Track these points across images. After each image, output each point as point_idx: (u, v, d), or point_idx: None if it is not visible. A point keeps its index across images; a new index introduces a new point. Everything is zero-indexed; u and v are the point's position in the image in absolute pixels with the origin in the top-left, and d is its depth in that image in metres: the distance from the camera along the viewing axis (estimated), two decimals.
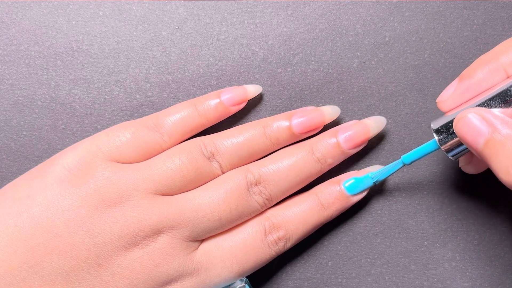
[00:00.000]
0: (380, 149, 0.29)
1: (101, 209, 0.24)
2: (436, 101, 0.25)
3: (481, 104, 0.23)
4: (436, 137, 0.24)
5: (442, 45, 0.29)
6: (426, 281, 0.29)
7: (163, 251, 0.25)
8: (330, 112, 0.28)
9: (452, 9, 0.29)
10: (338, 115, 0.28)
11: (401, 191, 0.29)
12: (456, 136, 0.23)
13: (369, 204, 0.29)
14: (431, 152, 0.25)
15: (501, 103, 0.22)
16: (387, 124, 0.29)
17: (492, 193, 0.29)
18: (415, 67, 0.29)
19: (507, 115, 0.22)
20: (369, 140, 0.29)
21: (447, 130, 0.24)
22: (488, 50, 0.29)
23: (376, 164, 0.29)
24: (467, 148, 0.24)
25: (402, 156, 0.26)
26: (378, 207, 0.29)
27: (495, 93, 0.23)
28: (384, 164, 0.29)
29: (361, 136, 0.27)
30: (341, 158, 0.28)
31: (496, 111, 0.22)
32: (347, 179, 0.28)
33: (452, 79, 0.29)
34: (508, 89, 0.22)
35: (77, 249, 0.23)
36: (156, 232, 0.24)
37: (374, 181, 0.27)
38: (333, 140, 0.27)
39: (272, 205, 0.27)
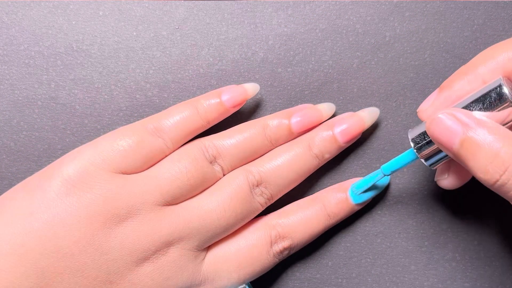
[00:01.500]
0: (380, 149, 0.29)
1: (110, 225, 0.23)
2: (417, 110, 0.25)
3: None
4: (413, 146, 0.24)
5: (442, 45, 0.29)
6: (426, 281, 0.29)
7: (173, 264, 0.24)
8: (327, 109, 0.28)
9: (452, 9, 0.29)
10: (333, 112, 0.28)
11: (401, 191, 0.29)
12: (433, 144, 0.23)
13: (369, 204, 0.29)
14: (411, 161, 0.25)
15: (478, 107, 0.22)
16: (387, 124, 0.29)
17: (492, 193, 0.29)
18: (415, 67, 0.29)
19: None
20: (369, 140, 0.29)
21: (423, 137, 0.23)
22: None
23: (376, 165, 0.29)
24: (445, 157, 0.23)
25: (382, 167, 0.26)
26: (378, 207, 0.29)
27: (471, 99, 0.22)
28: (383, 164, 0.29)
29: (356, 129, 0.27)
30: (337, 152, 0.28)
31: (469, 111, 0.22)
32: (353, 185, 0.28)
33: None
34: (485, 93, 0.22)
35: (87, 267, 0.23)
36: (166, 245, 0.24)
37: (379, 190, 0.28)
38: (329, 134, 0.27)
39: (272, 203, 0.27)
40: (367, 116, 0.28)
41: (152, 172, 0.25)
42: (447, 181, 0.26)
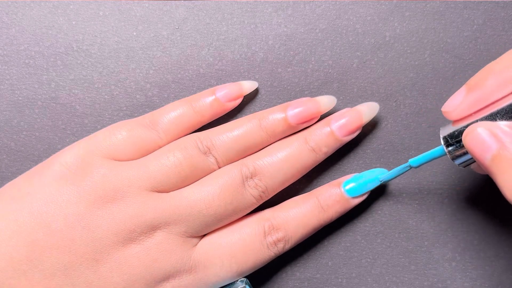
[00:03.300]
0: (380, 149, 0.29)
1: (98, 205, 0.24)
2: (442, 110, 0.24)
3: (491, 116, 0.22)
4: (444, 146, 0.24)
5: (442, 45, 0.29)
6: (426, 281, 0.29)
7: (160, 247, 0.25)
8: (326, 102, 0.28)
9: (452, 9, 0.29)
10: (334, 104, 0.28)
11: (401, 191, 0.29)
12: (463, 146, 0.23)
13: (369, 204, 0.29)
14: (439, 157, 0.25)
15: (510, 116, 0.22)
16: (387, 124, 0.29)
17: (493, 193, 0.29)
18: (415, 67, 0.29)
19: None
20: (369, 140, 0.29)
21: (455, 139, 0.23)
22: (488, 50, 0.29)
23: (376, 165, 0.29)
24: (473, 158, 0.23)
25: (409, 160, 0.25)
26: (378, 207, 0.29)
27: (505, 107, 0.22)
28: (383, 164, 0.29)
29: (354, 123, 0.27)
30: (336, 146, 0.28)
31: (504, 124, 0.22)
32: (347, 180, 0.28)
33: (452, 79, 0.29)
34: None
35: (75, 244, 0.24)
36: (152, 228, 0.25)
37: (376, 184, 0.27)
38: (327, 128, 0.27)
39: (268, 198, 0.27)
40: (365, 110, 0.28)
41: (143, 159, 0.26)
42: (482, 169, 0.26)
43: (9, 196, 0.25)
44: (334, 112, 0.28)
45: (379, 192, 0.29)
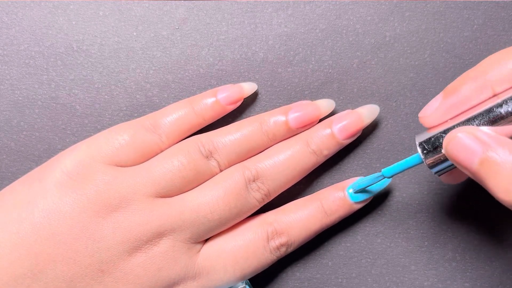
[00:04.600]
0: (380, 149, 0.29)
1: (103, 215, 0.24)
2: (419, 115, 0.24)
3: (468, 121, 0.22)
4: (420, 153, 0.23)
5: (442, 45, 0.29)
6: (426, 281, 0.29)
7: (166, 255, 0.25)
8: (325, 105, 0.28)
9: (452, 9, 0.29)
10: (333, 108, 0.28)
11: (401, 191, 0.29)
12: (441, 152, 0.22)
13: (369, 204, 0.29)
14: (414, 166, 0.24)
15: (488, 122, 0.21)
16: (387, 124, 0.29)
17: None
18: (415, 67, 0.29)
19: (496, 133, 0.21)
20: (369, 140, 0.29)
21: (432, 145, 0.23)
22: (488, 50, 0.29)
23: (376, 165, 0.29)
24: (451, 165, 0.23)
25: (382, 170, 0.25)
26: (378, 207, 0.29)
27: (481, 111, 0.22)
28: (383, 164, 0.29)
29: (355, 126, 0.27)
30: (337, 148, 0.28)
31: (486, 129, 0.21)
32: (351, 184, 0.28)
33: (452, 79, 0.29)
34: (495, 108, 0.21)
35: (80, 255, 0.23)
36: (158, 235, 0.24)
37: (380, 188, 0.28)
38: (328, 131, 0.27)
39: (270, 199, 0.27)
40: (366, 113, 0.28)
41: (146, 164, 0.25)
42: (450, 178, 0.25)
43: (8, 204, 0.24)
44: (334, 114, 0.28)
45: (379, 192, 0.29)
